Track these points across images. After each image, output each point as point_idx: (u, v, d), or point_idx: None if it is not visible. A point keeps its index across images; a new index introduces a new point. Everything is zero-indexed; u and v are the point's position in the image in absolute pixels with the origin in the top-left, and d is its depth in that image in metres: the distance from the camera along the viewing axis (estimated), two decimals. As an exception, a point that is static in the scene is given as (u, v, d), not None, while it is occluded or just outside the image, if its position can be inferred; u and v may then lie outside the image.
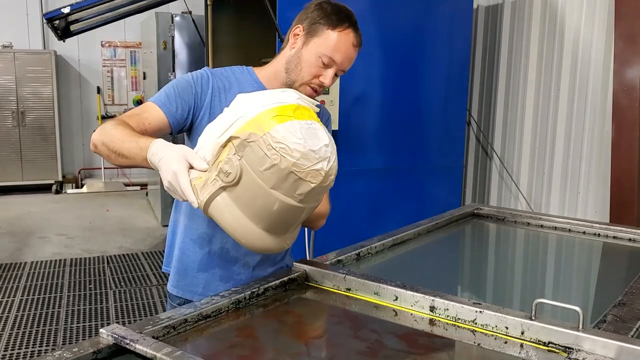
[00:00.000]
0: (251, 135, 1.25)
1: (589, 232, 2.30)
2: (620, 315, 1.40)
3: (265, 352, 1.31)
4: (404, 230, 2.12)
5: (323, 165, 1.29)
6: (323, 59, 1.63)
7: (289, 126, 1.26)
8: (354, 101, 3.85)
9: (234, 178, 1.27)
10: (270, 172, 1.25)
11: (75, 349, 1.13)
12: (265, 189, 1.27)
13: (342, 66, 1.66)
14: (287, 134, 1.25)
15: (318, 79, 1.66)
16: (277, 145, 1.24)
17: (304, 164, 1.26)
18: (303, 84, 1.67)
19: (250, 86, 1.72)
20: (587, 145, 3.95)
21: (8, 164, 8.24)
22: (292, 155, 1.24)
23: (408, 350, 1.31)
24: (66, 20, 4.72)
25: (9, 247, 5.87)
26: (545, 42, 4.25)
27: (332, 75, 1.66)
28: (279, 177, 1.26)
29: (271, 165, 1.25)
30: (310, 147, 1.27)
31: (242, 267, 1.74)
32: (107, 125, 1.51)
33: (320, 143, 1.30)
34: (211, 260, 1.73)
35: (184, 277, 1.78)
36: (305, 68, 1.65)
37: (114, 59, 9.22)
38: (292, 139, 1.25)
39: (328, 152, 1.31)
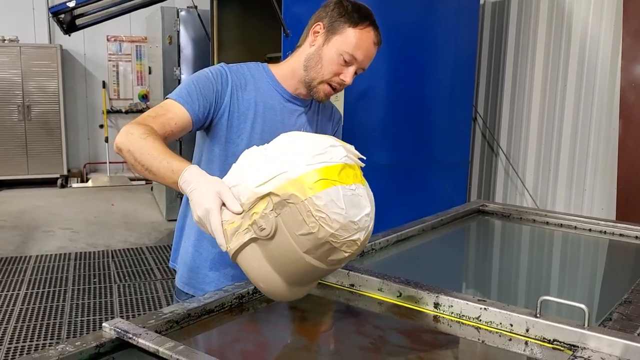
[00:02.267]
0: (292, 197, 1.19)
1: (595, 229, 2.29)
2: (626, 313, 1.39)
3: (269, 348, 1.30)
4: (409, 226, 2.11)
5: (360, 235, 1.24)
6: (344, 57, 1.63)
7: (332, 193, 1.20)
8: (359, 97, 3.83)
9: (268, 234, 1.23)
10: (306, 238, 1.20)
11: (78, 342, 1.13)
12: (297, 252, 1.23)
13: (362, 64, 1.66)
14: (329, 202, 1.19)
15: (339, 77, 1.65)
16: (318, 214, 1.18)
17: (342, 234, 1.21)
18: (323, 81, 1.66)
19: (266, 84, 1.72)
20: (593, 142, 3.93)
21: (13, 158, 8.26)
22: (332, 226, 1.19)
23: (411, 346, 1.30)
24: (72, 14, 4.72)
25: (14, 240, 5.88)
26: (552, 38, 4.22)
27: (352, 73, 1.65)
28: (315, 244, 1.21)
29: (308, 232, 1.20)
30: (351, 219, 1.21)
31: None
32: (135, 132, 1.44)
33: (362, 213, 1.25)
34: (223, 259, 1.72)
35: (196, 274, 1.77)
36: (326, 66, 1.64)
37: (119, 53, 9.22)
38: (334, 209, 1.19)
39: (368, 221, 1.26)
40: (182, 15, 6.47)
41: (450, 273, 1.93)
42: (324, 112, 1.86)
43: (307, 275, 1.29)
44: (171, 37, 6.49)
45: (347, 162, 1.27)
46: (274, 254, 1.25)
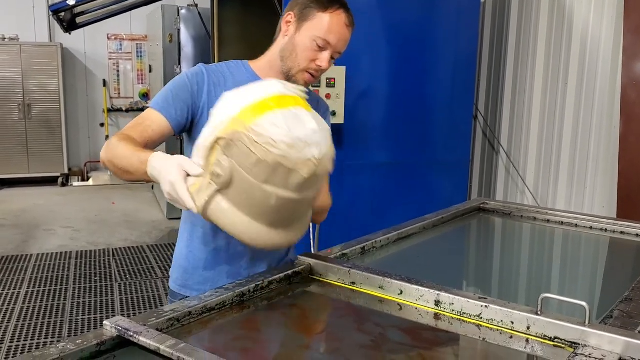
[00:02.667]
0: (235, 134, 1.21)
1: (596, 227, 2.28)
2: (627, 310, 1.39)
3: (269, 345, 1.30)
4: (410, 224, 2.11)
5: (313, 151, 1.23)
6: (318, 42, 1.62)
7: (271, 117, 1.21)
8: (359, 95, 3.83)
9: (227, 180, 1.25)
10: (259, 168, 1.21)
11: (79, 340, 1.13)
12: (258, 186, 1.23)
13: (337, 47, 1.65)
14: (270, 126, 1.20)
15: (315, 63, 1.64)
16: (261, 139, 1.20)
17: (292, 154, 1.21)
18: (300, 70, 1.66)
19: (246, 79, 1.70)
20: (594, 140, 3.92)
21: (14, 157, 8.26)
22: (278, 147, 1.20)
23: (412, 344, 1.30)
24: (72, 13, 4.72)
25: (15, 239, 5.89)
26: (553, 36, 4.22)
27: (328, 58, 1.64)
28: (268, 171, 1.21)
29: (258, 160, 1.20)
30: (297, 136, 1.21)
31: (249, 262, 1.74)
32: (113, 141, 1.50)
33: (307, 128, 1.24)
34: (218, 257, 1.73)
35: (191, 275, 1.78)
36: (301, 53, 1.64)
37: (120, 51, 9.22)
38: (276, 131, 1.20)
39: (317, 137, 1.25)
40: (183, 13, 6.47)
41: (451, 271, 1.93)
42: (308, 101, 1.83)
43: (282, 211, 1.29)
44: (172, 35, 6.49)
45: (284, 92, 1.29)
46: (240, 199, 1.27)
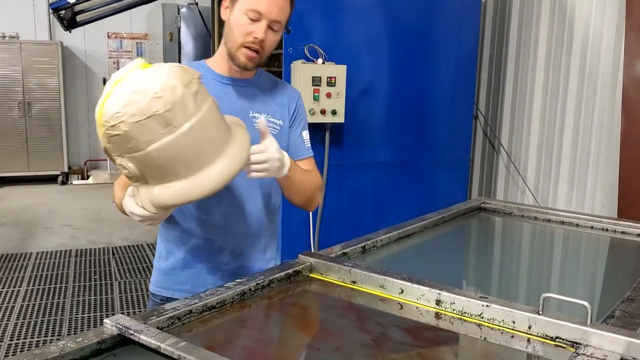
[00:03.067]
0: (104, 137, 1.33)
1: (597, 227, 2.28)
2: (629, 310, 1.39)
3: (270, 344, 1.30)
4: (410, 223, 2.11)
5: (146, 94, 1.29)
6: (249, 15, 1.60)
7: (109, 100, 1.30)
8: (360, 94, 3.83)
9: (136, 172, 1.36)
10: (132, 142, 1.30)
11: (79, 339, 1.13)
12: (149, 153, 1.31)
13: (270, 15, 1.61)
14: (111, 106, 1.29)
15: (250, 35, 1.62)
16: (112, 122, 1.29)
17: (133, 109, 1.27)
18: (238, 47, 1.64)
19: (205, 78, 1.70)
20: (595, 140, 3.92)
21: (14, 155, 8.25)
22: (123, 117, 1.28)
23: (413, 343, 1.30)
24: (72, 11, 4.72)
25: (14, 237, 5.88)
26: (554, 35, 4.21)
27: (264, 29, 1.61)
28: (141, 133, 1.29)
29: (125, 137, 1.29)
30: (127, 93, 1.29)
31: (228, 256, 1.75)
32: (115, 183, 1.68)
33: (130, 82, 1.31)
34: (196, 255, 1.74)
35: (171, 276, 1.79)
36: (237, 30, 1.63)
37: (120, 50, 9.21)
38: (112, 107, 1.29)
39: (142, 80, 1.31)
40: (183, 11, 6.46)
41: (452, 270, 1.93)
42: (274, 88, 1.82)
43: (188, 150, 1.34)
44: (172, 33, 6.49)
45: (124, 72, 1.34)
46: (157, 174, 1.36)
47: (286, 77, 3.62)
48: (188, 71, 1.37)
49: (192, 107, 1.32)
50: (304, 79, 3.49)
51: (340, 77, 3.57)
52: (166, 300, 1.76)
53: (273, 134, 1.65)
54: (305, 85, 3.48)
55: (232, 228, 1.73)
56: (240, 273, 1.74)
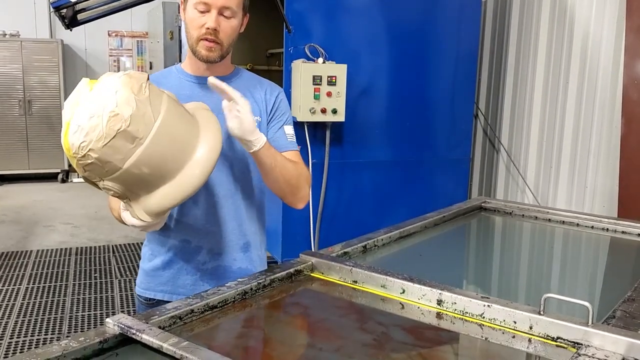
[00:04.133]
0: (78, 166, 1.34)
1: (597, 226, 2.28)
2: (630, 311, 1.39)
3: (271, 343, 1.30)
4: (411, 223, 2.11)
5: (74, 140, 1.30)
6: (198, 8, 1.62)
7: (70, 130, 1.31)
8: (360, 93, 3.83)
9: (121, 191, 1.39)
10: (107, 164, 1.31)
11: (81, 338, 1.13)
12: (128, 170, 1.33)
13: (217, 3, 1.61)
14: (72, 136, 1.30)
15: (204, 27, 1.62)
16: (81, 152, 1.30)
17: (96, 134, 1.28)
18: (195, 41, 1.65)
19: (176, 79, 1.75)
20: (595, 139, 3.92)
21: (14, 153, 8.25)
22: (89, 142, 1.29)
23: (415, 343, 1.30)
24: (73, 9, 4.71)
25: (15, 235, 5.88)
26: (555, 34, 4.21)
27: (214, 17, 1.61)
28: (112, 155, 1.30)
29: (99, 163, 1.31)
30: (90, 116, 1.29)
31: (207, 255, 1.75)
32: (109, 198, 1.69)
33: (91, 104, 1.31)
34: (174, 256, 1.76)
35: (152, 277, 1.81)
36: (190, 25, 1.65)
37: (120, 48, 9.20)
38: (75, 136, 1.30)
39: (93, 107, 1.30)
40: (184, 10, 6.45)
41: (453, 270, 1.93)
42: (253, 86, 1.80)
43: (155, 164, 1.35)
44: (172, 32, 6.48)
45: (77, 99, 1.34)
46: (142, 188, 1.39)
47: (287, 76, 3.62)
48: (135, 77, 1.36)
49: (150, 112, 1.32)
50: (304, 78, 3.49)
51: (341, 76, 3.57)
52: (149, 301, 1.80)
53: None
54: (306, 85, 3.49)
55: (209, 228, 1.74)
56: (219, 273, 1.76)
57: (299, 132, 3.63)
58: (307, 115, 3.52)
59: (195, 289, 1.74)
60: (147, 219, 1.43)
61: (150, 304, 1.79)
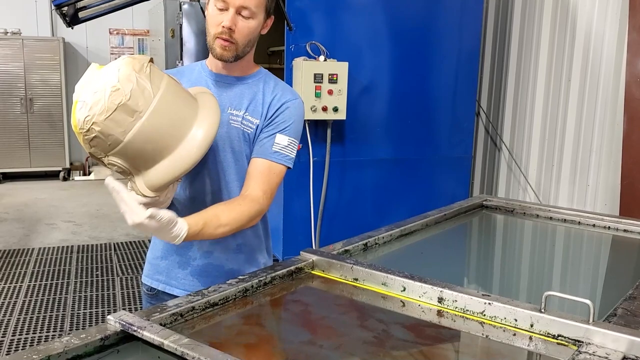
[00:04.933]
0: (84, 142, 1.40)
1: (599, 224, 2.28)
2: (631, 309, 1.39)
3: (272, 341, 1.30)
4: (412, 221, 2.11)
5: (79, 116, 1.38)
6: (217, 5, 1.63)
7: (77, 107, 1.38)
8: (362, 91, 3.83)
9: (124, 167, 1.43)
10: (110, 137, 1.37)
11: (83, 335, 1.13)
12: (130, 143, 1.38)
13: (236, 2, 1.61)
14: (78, 112, 1.38)
15: (220, 25, 1.63)
16: (86, 126, 1.37)
17: (100, 107, 1.35)
18: (212, 38, 1.66)
19: (197, 74, 1.77)
20: (597, 137, 3.91)
21: (16, 151, 8.26)
22: (93, 115, 1.35)
23: (415, 340, 1.30)
24: (74, 7, 4.71)
25: (17, 233, 5.89)
26: (557, 32, 4.20)
27: (230, 17, 1.61)
28: (113, 128, 1.36)
29: (102, 136, 1.37)
30: (92, 91, 1.36)
31: (197, 252, 1.76)
32: None
33: (94, 82, 1.38)
34: (170, 247, 1.78)
35: (152, 265, 1.85)
36: (210, 22, 1.66)
37: (121, 46, 9.20)
38: (81, 112, 1.37)
39: (100, 82, 1.37)
40: (185, 8, 6.45)
41: (454, 268, 1.93)
42: (268, 88, 1.77)
43: (155, 137, 1.40)
44: (174, 30, 6.47)
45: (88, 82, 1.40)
46: (145, 162, 1.43)
47: (288, 74, 3.62)
48: (138, 58, 1.43)
49: (149, 88, 1.39)
50: (305, 76, 3.49)
51: (342, 74, 3.56)
52: (150, 291, 1.85)
53: (245, 133, 1.70)
54: (307, 82, 3.48)
55: None
56: (209, 270, 1.77)
57: (300, 129, 3.63)
58: (308, 113, 3.51)
59: (185, 283, 1.77)
60: (149, 193, 1.46)
61: (151, 294, 1.85)
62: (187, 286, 1.76)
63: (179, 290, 1.76)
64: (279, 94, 1.75)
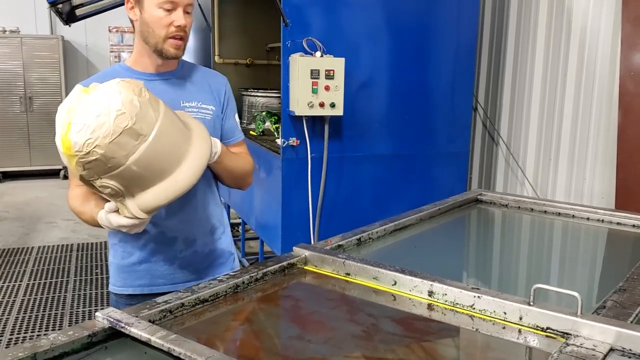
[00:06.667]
0: (77, 165, 1.42)
1: (593, 218, 2.28)
2: (620, 301, 1.39)
3: (261, 336, 1.31)
4: (406, 215, 2.11)
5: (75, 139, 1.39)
6: (164, 7, 1.65)
7: (72, 129, 1.39)
8: (359, 87, 3.82)
9: (118, 188, 1.44)
10: (111, 160, 1.39)
11: (70, 332, 1.14)
12: (129, 167, 1.40)
13: (184, 0, 1.66)
14: (75, 135, 1.39)
15: (172, 25, 1.67)
16: (86, 149, 1.38)
17: (102, 130, 1.36)
18: (163, 39, 1.68)
19: (127, 77, 1.71)
20: (593, 131, 3.91)
21: (16, 150, 8.27)
22: (96, 139, 1.36)
23: (404, 334, 1.31)
24: (70, 5, 4.71)
25: (16, 231, 5.91)
26: (553, 27, 4.20)
27: (182, 15, 1.67)
28: (116, 151, 1.38)
29: (103, 159, 1.38)
30: (93, 115, 1.37)
31: (182, 244, 1.81)
32: (69, 202, 1.81)
33: (96, 105, 1.39)
34: (151, 249, 1.80)
35: (129, 273, 1.85)
36: (156, 25, 1.67)
37: (121, 44, 9.20)
38: (80, 135, 1.38)
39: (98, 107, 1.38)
40: (183, 5, 6.44)
41: (447, 262, 1.93)
42: (200, 76, 1.86)
43: (155, 162, 1.44)
44: (172, 27, 6.47)
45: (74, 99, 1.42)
46: (141, 183, 1.45)
47: (284, 70, 3.61)
48: (133, 82, 1.46)
49: (152, 113, 1.42)
50: (302, 71, 3.48)
51: (339, 69, 3.55)
52: (128, 298, 1.84)
53: (206, 120, 1.75)
54: (304, 78, 3.48)
55: (182, 217, 1.79)
56: (194, 259, 1.83)
57: (297, 126, 3.63)
58: (305, 109, 3.51)
59: (174, 277, 1.81)
60: (142, 215, 1.49)
61: (130, 300, 1.83)
62: (175, 281, 1.81)
63: (168, 287, 1.78)
64: (214, 78, 1.89)
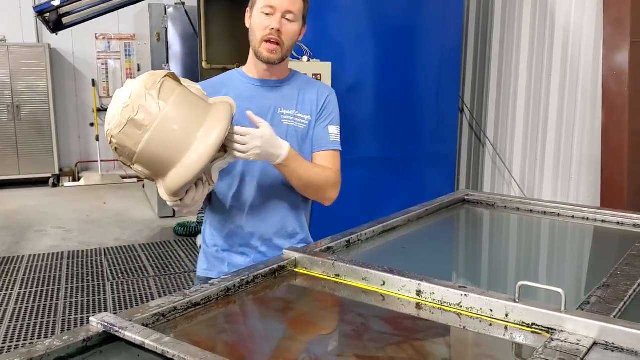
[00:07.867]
0: (114, 148, 1.58)
1: (578, 216, 2.32)
2: (604, 296, 1.42)
3: (254, 338, 1.33)
4: (394, 217, 2.14)
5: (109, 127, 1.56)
6: (264, 11, 1.77)
7: (108, 116, 1.58)
8: (346, 90, 3.85)
9: (143, 173, 1.58)
10: (125, 151, 1.55)
11: (65, 337, 1.15)
12: (137, 155, 1.53)
13: (282, 6, 1.76)
14: (108, 124, 1.57)
15: (267, 28, 1.77)
16: (108, 141, 1.58)
17: (121, 115, 1.52)
18: (260, 43, 1.79)
19: (238, 81, 1.91)
20: (578, 131, 3.97)
21: (4, 158, 8.23)
22: (117, 125, 1.54)
23: (393, 333, 1.33)
24: (57, 13, 4.71)
25: (6, 240, 5.88)
26: (537, 29, 4.25)
27: (278, 19, 1.76)
28: (121, 147, 1.54)
29: (126, 145, 1.53)
30: (117, 102, 1.55)
31: (258, 240, 1.91)
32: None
33: (118, 96, 1.57)
34: (231, 239, 1.93)
35: (214, 258, 1.96)
36: (256, 28, 1.80)
37: (108, 51, 9.19)
38: (109, 125, 1.56)
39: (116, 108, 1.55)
40: (170, 11, 6.46)
41: (435, 262, 1.96)
42: (307, 87, 1.97)
43: (163, 148, 1.54)
44: (159, 33, 6.49)
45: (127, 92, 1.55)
46: (155, 169, 1.58)
47: (272, 75, 3.64)
48: (154, 75, 1.56)
49: (156, 104, 1.51)
50: (289, 76, 3.51)
51: (326, 74, 3.59)
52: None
53: (298, 129, 1.86)
54: (291, 83, 3.51)
55: (260, 216, 1.90)
56: (270, 256, 1.89)
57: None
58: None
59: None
60: (167, 197, 1.61)
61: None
62: None
63: None
64: (318, 90, 1.96)
